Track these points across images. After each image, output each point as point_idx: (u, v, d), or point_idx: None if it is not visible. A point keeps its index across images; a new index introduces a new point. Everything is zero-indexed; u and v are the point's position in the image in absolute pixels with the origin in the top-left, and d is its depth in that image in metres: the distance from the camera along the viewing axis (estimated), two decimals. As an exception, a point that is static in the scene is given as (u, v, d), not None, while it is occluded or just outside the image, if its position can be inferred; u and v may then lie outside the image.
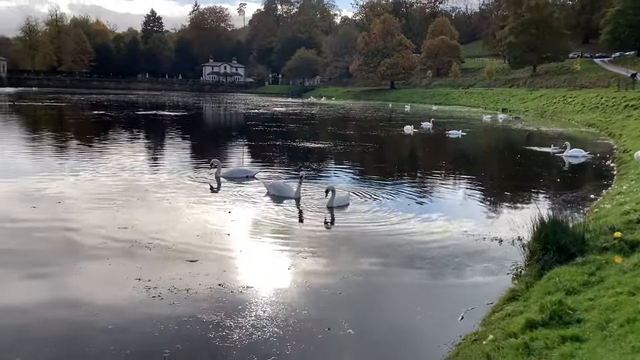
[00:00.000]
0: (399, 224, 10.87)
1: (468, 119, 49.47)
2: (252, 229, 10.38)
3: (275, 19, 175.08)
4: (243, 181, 15.13)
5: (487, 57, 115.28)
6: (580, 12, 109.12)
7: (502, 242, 9.61)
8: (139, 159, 19.52)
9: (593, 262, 6.30)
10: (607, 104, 43.45)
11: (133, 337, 5.87)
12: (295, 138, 29.11)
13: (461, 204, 13.50)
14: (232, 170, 15.84)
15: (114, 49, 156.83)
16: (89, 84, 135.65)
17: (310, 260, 8.52)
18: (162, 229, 9.82)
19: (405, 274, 8.17)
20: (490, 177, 19.11)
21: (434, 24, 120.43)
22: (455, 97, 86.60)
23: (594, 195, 13.76)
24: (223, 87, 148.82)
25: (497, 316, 6.00)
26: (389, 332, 6.26)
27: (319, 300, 7.04)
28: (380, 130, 36.48)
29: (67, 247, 8.80)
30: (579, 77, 70.83)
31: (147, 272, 7.66)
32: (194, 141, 27.90)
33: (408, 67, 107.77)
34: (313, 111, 59.86)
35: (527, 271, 7.15)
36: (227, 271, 7.93)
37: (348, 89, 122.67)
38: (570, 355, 3.90)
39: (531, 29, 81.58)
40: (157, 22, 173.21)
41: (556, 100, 57.61)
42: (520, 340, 4.53)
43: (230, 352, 5.59)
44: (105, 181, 14.49)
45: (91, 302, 6.66)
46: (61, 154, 20.53)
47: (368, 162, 21.95)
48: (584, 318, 4.71)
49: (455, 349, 5.55)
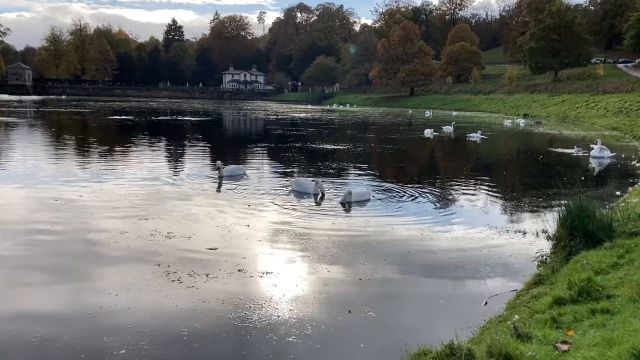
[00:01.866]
0: (422, 217, 10.74)
1: (489, 123, 49.02)
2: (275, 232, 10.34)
3: (294, 26, 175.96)
4: (240, 179, 15.10)
5: (507, 64, 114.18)
6: (603, 17, 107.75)
7: (525, 234, 9.45)
8: (160, 163, 19.65)
9: (622, 245, 6.12)
10: (632, 108, 42.77)
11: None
12: (315, 141, 29.09)
13: (484, 200, 13.31)
14: (229, 169, 15.75)
15: (135, 58, 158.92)
16: (112, 92, 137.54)
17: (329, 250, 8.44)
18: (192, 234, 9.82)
19: (428, 264, 8.04)
20: (513, 175, 18.84)
21: (454, 30, 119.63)
22: (476, 103, 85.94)
23: (620, 192, 13.47)
24: (243, 95, 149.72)
25: (523, 299, 5.85)
26: (410, 318, 6.15)
27: (339, 285, 6.96)
28: (400, 133, 36.33)
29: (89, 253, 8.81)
30: (601, 83, 69.76)
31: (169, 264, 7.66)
32: (214, 145, 28.04)
33: (428, 73, 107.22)
34: (332, 117, 59.88)
35: (553, 258, 6.98)
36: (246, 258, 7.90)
37: (367, 96, 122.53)
38: (602, 324, 3.75)
39: (552, 35, 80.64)
40: (178, 31, 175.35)
41: (578, 105, 56.85)
42: (547, 316, 4.39)
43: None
44: (124, 184, 14.58)
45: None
46: (84, 159, 20.77)
47: (388, 163, 21.81)
48: (614, 294, 4.54)
49: (479, 330, 5.42)
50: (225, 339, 5.43)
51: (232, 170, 15.80)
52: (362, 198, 12.21)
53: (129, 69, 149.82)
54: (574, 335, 3.71)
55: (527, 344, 3.54)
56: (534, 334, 3.78)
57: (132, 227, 9.39)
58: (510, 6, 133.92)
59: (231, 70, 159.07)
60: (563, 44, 79.81)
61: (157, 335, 5.41)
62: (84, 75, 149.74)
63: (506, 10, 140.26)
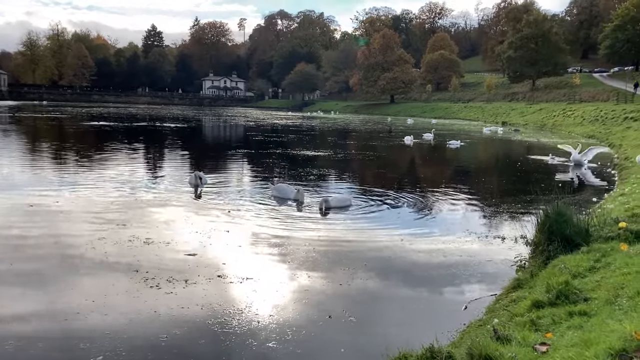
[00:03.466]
0: (402, 223, 10.79)
1: (468, 131, 49.50)
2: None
3: (275, 33, 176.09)
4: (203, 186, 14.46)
5: (486, 72, 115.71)
6: (579, 27, 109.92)
7: (504, 239, 9.54)
8: (138, 169, 19.46)
9: (598, 250, 6.21)
10: (607, 117, 43.52)
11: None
12: (296, 147, 29.09)
13: (463, 206, 13.40)
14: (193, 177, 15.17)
15: (114, 63, 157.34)
16: (90, 97, 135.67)
17: (308, 258, 8.42)
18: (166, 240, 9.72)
19: (408, 270, 8.06)
20: (491, 182, 19.03)
21: (434, 38, 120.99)
22: (455, 111, 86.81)
23: (596, 199, 13.66)
24: (223, 101, 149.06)
25: (502, 303, 5.89)
26: (390, 323, 6.15)
27: (321, 292, 6.94)
28: (381, 140, 36.51)
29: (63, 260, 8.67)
30: (578, 91, 70.95)
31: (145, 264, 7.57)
32: (193, 151, 27.86)
33: (408, 81, 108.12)
34: (313, 124, 59.96)
35: (532, 262, 7.05)
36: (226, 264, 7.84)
37: (348, 103, 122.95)
38: (579, 326, 3.80)
39: (530, 44, 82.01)
40: (158, 36, 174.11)
41: (556, 114, 57.72)
42: (526, 318, 4.43)
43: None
44: (101, 191, 14.40)
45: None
46: (60, 165, 20.48)
47: (368, 169, 21.89)
48: (591, 297, 4.60)
49: (459, 334, 5.44)
50: (205, 345, 5.37)
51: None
52: (343, 204, 12.22)
53: (107, 74, 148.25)
54: (552, 337, 3.75)
55: (506, 346, 3.56)
56: (513, 336, 3.80)
57: (110, 233, 9.26)
58: (489, 15, 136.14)
59: (211, 76, 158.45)
60: (540, 53, 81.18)
61: (134, 342, 5.33)
62: (62, 80, 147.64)
63: (485, 19, 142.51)
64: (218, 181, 15.56)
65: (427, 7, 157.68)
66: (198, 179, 14.35)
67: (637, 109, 39.79)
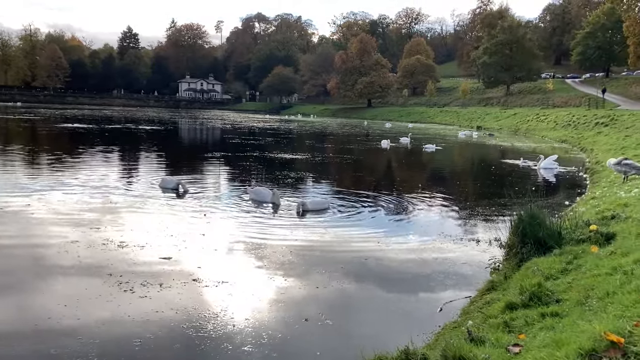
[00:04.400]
0: (378, 226, 10.83)
1: (443, 135, 49.96)
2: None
3: (252, 36, 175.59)
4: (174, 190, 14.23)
5: (462, 77, 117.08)
6: (552, 33, 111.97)
7: (479, 242, 9.65)
8: (112, 172, 19.22)
9: (570, 252, 6.32)
10: (579, 122, 44.38)
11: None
12: (273, 150, 29.03)
13: (439, 209, 13.51)
14: (163, 181, 14.93)
15: (89, 65, 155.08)
16: (64, 99, 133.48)
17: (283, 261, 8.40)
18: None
19: (384, 273, 8.09)
20: (466, 185, 19.23)
21: (410, 43, 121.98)
22: (431, 115, 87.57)
23: (568, 202, 13.91)
24: (199, 104, 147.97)
25: (477, 305, 5.96)
26: (366, 326, 6.17)
27: (295, 294, 6.93)
28: (358, 144, 36.65)
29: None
30: (551, 97, 72.30)
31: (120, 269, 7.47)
32: (169, 154, 27.61)
33: (385, 85, 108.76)
34: (291, 127, 59.92)
35: (506, 264, 7.15)
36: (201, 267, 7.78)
37: (326, 107, 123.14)
38: (551, 327, 3.85)
39: (505, 50, 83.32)
40: (134, 38, 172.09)
41: (529, 118, 58.61)
42: (500, 320, 4.49)
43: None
44: (74, 194, 14.18)
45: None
46: (32, 168, 20.12)
47: (345, 172, 21.94)
48: (563, 298, 4.68)
49: (434, 336, 5.48)
50: (179, 349, 5.32)
51: (165, 183, 14.52)
52: (321, 207, 12.23)
53: (82, 76, 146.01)
54: (525, 338, 3.80)
55: (480, 347, 3.60)
56: (487, 337, 3.84)
57: (83, 236, 9.12)
58: (464, 21, 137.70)
59: (188, 78, 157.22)
60: (515, 59, 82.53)
61: (107, 346, 5.25)
62: (35, 82, 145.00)
63: (460, 25, 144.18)
64: (194, 184, 15.44)
65: (403, 12, 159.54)
66: (179, 186, 14.15)
67: (608, 115, 40.66)
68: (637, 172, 13.76)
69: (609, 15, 75.88)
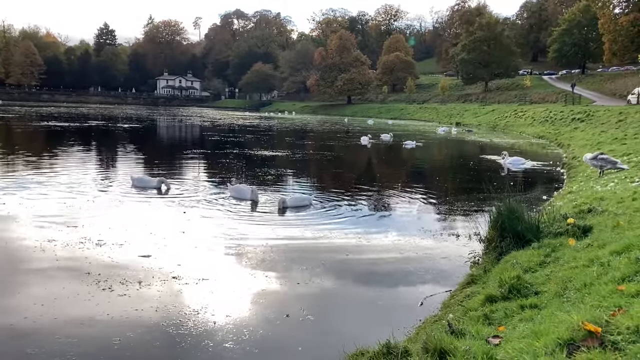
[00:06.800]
0: (358, 222, 10.86)
1: (423, 132, 50.25)
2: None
3: (231, 33, 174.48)
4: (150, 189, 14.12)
5: (440, 74, 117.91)
6: (529, 30, 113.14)
7: (459, 236, 9.73)
8: (90, 170, 18.97)
9: (548, 245, 6.40)
10: (556, 118, 44.96)
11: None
12: (253, 147, 28.93)
13: (419, 204, 13.58)
14: (139, 179, 14.70)
15: (65, 62, 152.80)
16: (39, 96, 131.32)
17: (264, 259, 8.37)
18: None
19: (365, 268, 8.12)
20: (446, 181, 19.36)
21: (389, 40, 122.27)
22: (411, 112, 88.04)
23: (546, 197, 14.09)
24: (178, 101, 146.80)
25: (457, 299, 6.00)
26: (348, 321, 6.18)
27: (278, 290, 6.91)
28: (338, 141, 36.69)
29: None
30: (528, 93, 73.19)
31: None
32: (147, 151, 27.34)
33: (364, 82, 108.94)
34: (271, 124, 59.75)
35: (485, 258, 7.21)
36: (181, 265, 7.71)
37: (306, 104, 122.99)
38: (530, 319, 3.90)
39: (483, 46, 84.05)
40: (111, 34, 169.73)
41: (508, 115, 59.23)
42: (480, 313, 4.52)
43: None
44: (51, 193, 13.96)
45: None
46: (7, 167, 19.77)
47: (326, 169, 21.96)
48: (542, 290, 4.74)
49: (415, 330, 5.51)
50: (159, 347, 5.27)
51: (140, 181, 14.40)
52: (301, 203, 12.22)
53: (57, 73, 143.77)
54: (504, 330, 3.83)
55: (461, 340, 3.62)
56: (467, 330, 3.87)
57: (60, 235, 8.98)
58: (443, 18, 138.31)
59: (166, 75, 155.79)
60: (493, 56, 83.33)
61: (86, 345, 5.18)
62: (9, 79, 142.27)
63: (439, 22, 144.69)
64: (174, 182, 15.29)
65: (382, 9, 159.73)
66: (162, 184, 14.02)
67: (584, 111, 41.23)
68: (612, 166, 14.01)
69: (585, 12, 76.95)
